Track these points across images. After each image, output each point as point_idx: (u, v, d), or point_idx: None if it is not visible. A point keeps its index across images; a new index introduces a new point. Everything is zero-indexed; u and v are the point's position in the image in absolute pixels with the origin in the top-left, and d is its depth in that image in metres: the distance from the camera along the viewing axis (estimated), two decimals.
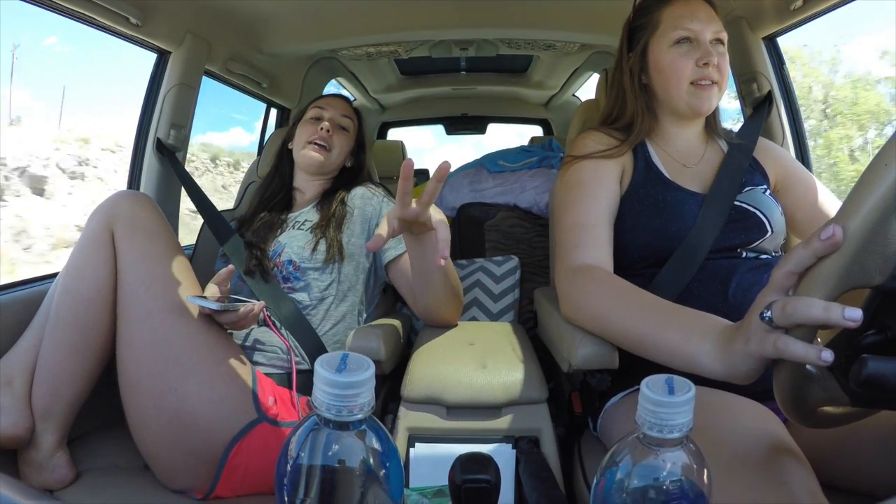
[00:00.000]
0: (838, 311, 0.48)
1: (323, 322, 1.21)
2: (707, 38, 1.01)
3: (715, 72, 1.01)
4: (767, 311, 0.53)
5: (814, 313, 0.49)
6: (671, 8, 1.04)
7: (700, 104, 1.02)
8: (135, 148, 1.53)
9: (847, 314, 0.47)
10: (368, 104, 3.56)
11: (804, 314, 0.50)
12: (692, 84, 1.01)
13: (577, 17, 1.85)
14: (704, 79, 1.01)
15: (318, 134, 1.36)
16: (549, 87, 3.30)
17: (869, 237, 0.49)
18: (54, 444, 0.95)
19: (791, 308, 0.51)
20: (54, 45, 30.01)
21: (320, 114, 1.40)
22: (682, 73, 1.01)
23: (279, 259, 1.23)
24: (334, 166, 1.40)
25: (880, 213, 0.48)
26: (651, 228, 0.98)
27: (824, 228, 0.50)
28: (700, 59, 1.00)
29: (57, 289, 1.01)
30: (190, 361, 0.95)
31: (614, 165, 1.04)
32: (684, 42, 1.02)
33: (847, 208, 0.51)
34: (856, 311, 0.47)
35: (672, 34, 1.02)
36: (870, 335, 0.54)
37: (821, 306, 0.49)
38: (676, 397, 0.41)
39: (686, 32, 1.01)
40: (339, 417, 0.39)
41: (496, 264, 1.73)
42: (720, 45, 1.03)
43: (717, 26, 1.03)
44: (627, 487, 0.43)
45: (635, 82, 1.08)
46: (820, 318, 0.49)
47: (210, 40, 1.60)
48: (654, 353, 0.75)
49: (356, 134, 1.45)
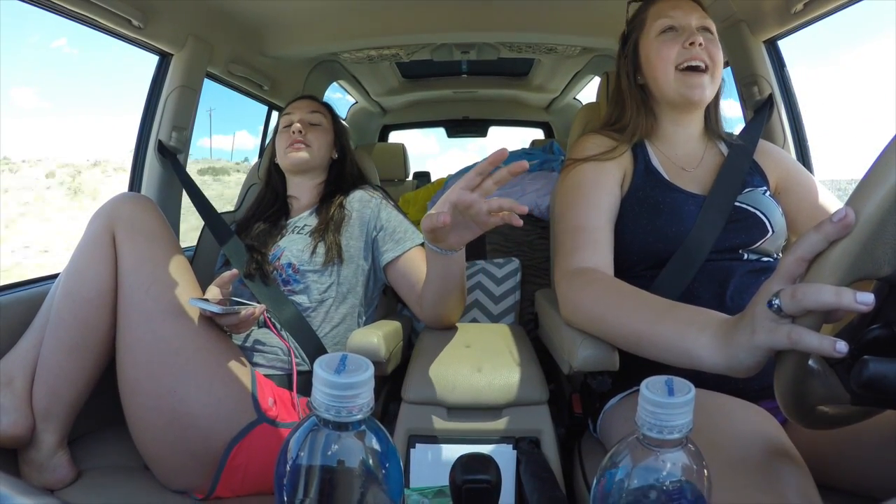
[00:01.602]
0: (850, 296, 0.46)
1: (323, 324, 1.21)
2: (692, 24, 1.03)
3: (703, 53, 1.01)
4: (776, 299, 0.52)
5: (825, 298, 0.47)
6: (656, 5, 1.07)
7: (690, 92, 1.02)
8: (136, 150, 1.54)
9: (859, 298, 0.46)
10: (370, 107, 3.57)
11: (814, 300, 0.48)
12: (679, 70, 1.02)
13: (578, 20, 1.86)
14: (692, 59, 1.00)
15: (292, 138, 1.36)
16: (551, 91, 3.31)
17: (880, 226, 0.48)
18: (55, 444, 0.95)
19: (801, 294, 0.49)
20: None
21: (289, 119, 1.41)
22: (668, 57, 1.02)
23: (279, 262, 1.24)
24: (320, 161, 1.41)
25: (891, 202, 0.47)
26: (651, 230, 0.98)
27: (836, 211, 0.48)
28: (686, 41, 1.01)
29: (58, 290, 1.02)
30: (189, 363, 0.95)
31: (615, 169, 1.05)
32: (669, 31, 1.04)
33: (858, 195, 0.49)
34: (868, 295, 0.45)
35: (657, 24, 1.05)
36: (875, 329, 0.53)
37: (832, 291, 0.47)
38: (676, 398, 0.41)
39: (669, 21, 1.03)
40: (338, 418, 0.39)
41: (497, 266, 1.73)
42: (707, 33, 1.03)
43: (700, 14, 1.04)
44: (627, 488, 0.43)
45: (631, 82, 1.10)
46: (832, 303, 0.47)
47: (212, 42, 1.61)
48: (652, 351, 0.74)
49: (332, 125, 1.46)
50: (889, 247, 0.49)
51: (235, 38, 1.75)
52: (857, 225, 0.48)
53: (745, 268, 0.95)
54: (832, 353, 0.48)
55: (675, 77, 1.02)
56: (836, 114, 43.76)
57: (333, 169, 1.45)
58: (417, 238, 1.26)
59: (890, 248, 0.49)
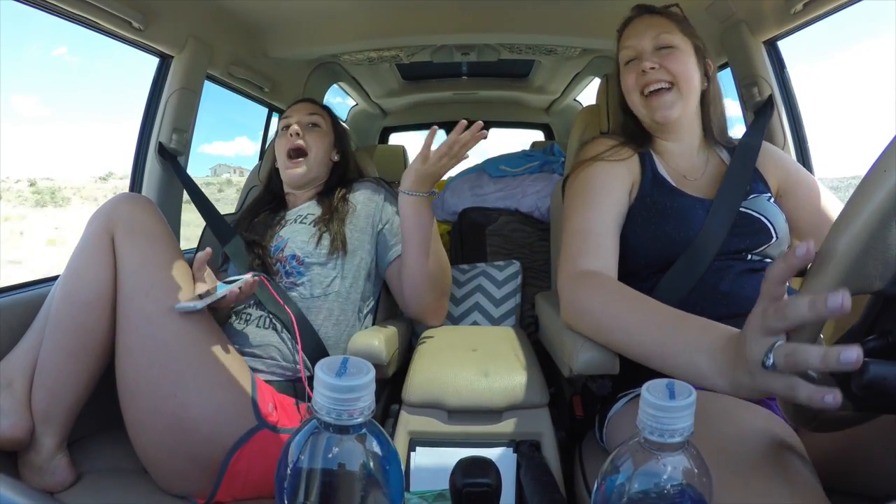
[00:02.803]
0: (834, 357, 0.47)
1: (325, 322, 1.21)
2: (646, 48, 1.06)
3: (659, 73, 1.03)
4: (770, 358, 0.53)
5: (812, 363, 0.49)
6: (623, 35, 1.12)
7: (654, 114, 1.05)
8: (136, 152, 1.54)
9: (843, 358, 0.47)
10: (370, 109, 3.57)
11: (803, 364, 0.50)
12: (643, 95, 1.06)
13: (578, 21, 1.86)
14: (648, 84, 1.04)
15: (290, 141, 1.36)
16: (551, 92, 3.31)
17: (869, 243, 0.49)
18: (54, 447, 0.95)
19: (791, 359, 0.51)
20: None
21: (287, 122, 1.40)
22: (631, 87, 1.07)
23: (282, 254, 1.23)
24: (318, 169, 1.39)
25: (880, 219, 0.49)
26: (659, 235, 0.98)
27: (799, 246, 0.51)
28: (639, 68, 1.04)
29: (57, 292, 1.01)
30: (189, 367, 0.95)
31: (625, 174, 1.05)
32: (632, 61, 1.08)
33: (847, 213, 0.51)
34: (851, 353, 0.46)
35: (622, 55, 1.11)
36: (871, 340, 0.54)
37: (818, 355, 0.48)
38: (677, 402, 0.41)
39: (630, 51, 1.08)
40: (339, 421, 0.39)
41: (498, 269, 1.73)
42: (665, 49, 1.05)
43: (654, 32, 1.06)
44: (629, 492, 0.43)
45: (622, 110, 1.16)
46: (818, 367, 0.49)
47: (212, 44, 1.61)
48: (658, 366, 0.74)
49: (331, 128, 1.45)
50: (879, 262, 0.50)
51: (236, 39, 1.76)
52: (849, 241, 0.50)
53: (745, 266, 0.96)
54: (823, 405, 0.49)
55: (642, 103, 1.06)
56: (840, 110, 43.67)
57: (335, 172, 1.44)
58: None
59: (881, 264, 0.50)
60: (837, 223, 0.52)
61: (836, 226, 0.52)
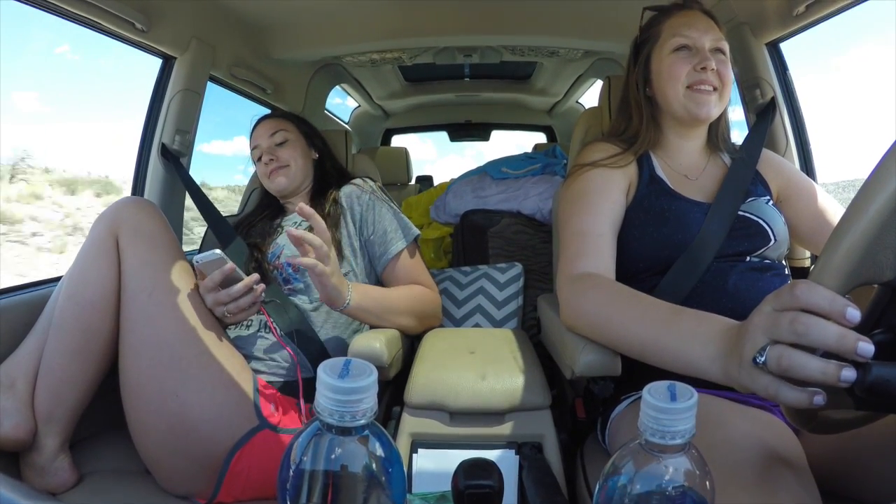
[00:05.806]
0: (834, 371, 0.47)
1: (325, 325, 1.21)
2: (706, 46, 1.03)
3: (714, 77, 1.02)
4: (762, 356, 0.53)
5: (811, 374, 0.49)
6: (671, 19, 1.07)
7: (698, 109, 1.03)
8: (139, 153, 1.54)
9: (843, 375, 0.47)
10: (372, 111, 3.58)
11: (800, 373, 0.50)
12: (689, 88, 1.03)
13: (581, 23, 1.86)
14: (702, 83, 1.02)
15: (267, 168, 1.37)
16: (553, 94, 3.32)
17: (881, 231, 0.48)
18: (56, 448, 0.95)
19: (786, 362, 0.50)
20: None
21: (258, 152, 1.40)
22: (679, 76, 1.03)
23: (278, 261, 1.24)
24: (302, 174, 1.40)
25: (892, 208, 0.48)
26: (657, 238, 0.99)
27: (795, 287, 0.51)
28: (698, 64, 1.02)
29: (60, 293, 1.02)
30: (192, 367, 0.95)
31: (621, 177, 1.05)
32: (683, 49, 1.04)
33: (859, 201, 0.50)
34: (851, 371, 0.46)
35: (671, 42, 1.05)
36: (878, 334, 0.53)
37: (818, 368, 0.48)
38: (679, 404, 0.41)
39: (684, 40, 1.04)
40: (342, 423, 0.39)
41: (500, 271, 1.72)
42: (720, 54, 1.04)
43: (715, 35, 1.05)
44: (630, 494, 0.42)
45: (640, 94, 1.11)
46: (818, 380, 0.48)
47: (215, 45, 1.61)
48: (656, 361, 0.75)
49: (298, 133, 1.44)
50: (891, 251, 0.49)
51: (239, 41, 1.76)
52: (860, 230, 0.49)
53: (745, 266, 0.96)
54: (809, 406, 0.49)
55: (685, 94, 1.03)
56: (840, 110, 43.32)
57: (319, 168, 1.45)
58: (401, 241, 1.27)
59: (892, 253, 0.49)
60: (849, 210, 0.51)
61: (848, 212, 0.51)
